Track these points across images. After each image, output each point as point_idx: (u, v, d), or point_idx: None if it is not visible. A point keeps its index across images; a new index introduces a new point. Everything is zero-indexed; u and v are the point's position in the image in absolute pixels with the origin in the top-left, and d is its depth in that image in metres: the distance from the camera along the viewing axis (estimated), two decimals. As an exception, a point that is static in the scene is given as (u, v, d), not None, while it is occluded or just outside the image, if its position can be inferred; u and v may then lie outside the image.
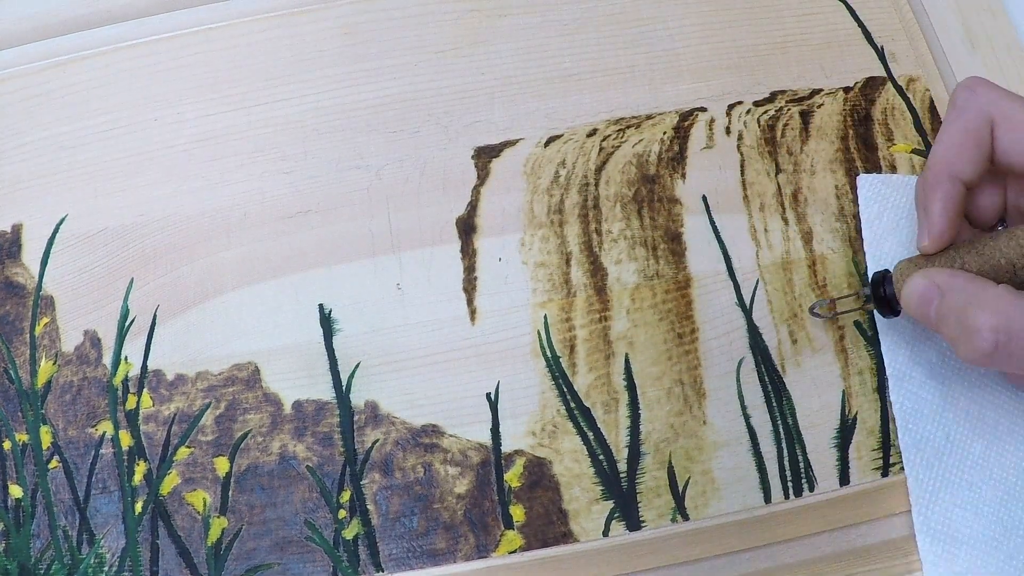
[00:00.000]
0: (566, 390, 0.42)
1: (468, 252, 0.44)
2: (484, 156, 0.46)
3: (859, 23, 0.49)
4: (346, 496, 0.40)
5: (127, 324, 0.43)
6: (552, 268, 0.44)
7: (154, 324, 0.43)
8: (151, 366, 0.42)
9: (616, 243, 0.44)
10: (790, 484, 0.40)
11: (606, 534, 0.40)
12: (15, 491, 0.41)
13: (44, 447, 0.41)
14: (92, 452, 0.41)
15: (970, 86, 0.37)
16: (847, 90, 0.47)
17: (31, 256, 0.44)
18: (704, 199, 0.45)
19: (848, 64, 0.48)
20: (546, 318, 0.43)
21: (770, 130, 0.46)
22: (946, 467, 0.39)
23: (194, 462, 0.41)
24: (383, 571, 0.39)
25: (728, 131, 0.46)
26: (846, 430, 0.41)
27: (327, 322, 0.43)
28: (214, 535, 0.40)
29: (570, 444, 0.41)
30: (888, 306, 0.39)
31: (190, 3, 0.49)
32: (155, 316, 0.43)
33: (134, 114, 0.47)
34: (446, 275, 0.44)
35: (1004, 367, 0.35)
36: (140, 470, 0.41)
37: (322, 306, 0.43)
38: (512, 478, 0.41)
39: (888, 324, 0.41)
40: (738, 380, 0.42)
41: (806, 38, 0.48)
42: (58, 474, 0.41)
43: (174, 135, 0.46)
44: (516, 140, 0.46)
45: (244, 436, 0.41)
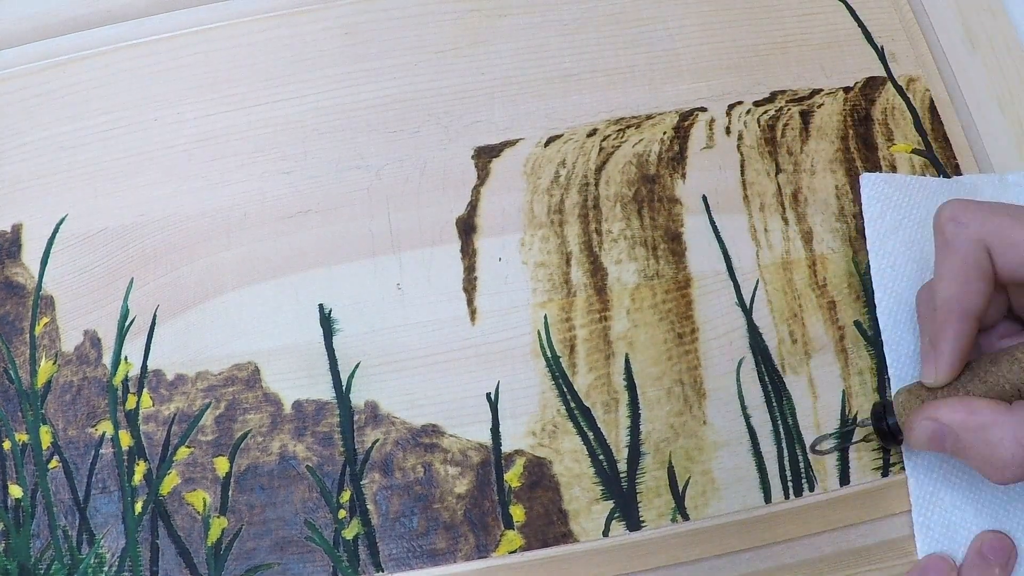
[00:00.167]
0: (566, 390, 0.42)
1: (468, 252, 0.44)
2: (484, 156, 0.46)
3: (859, 23, 0.48)
4: (346, 496, 0.40)
5: (127, 324, 0.43)
6: (552, 268, 0.44)
7: (154, 324, 0.43)
8: (151, 366, 0.42)
9: (616, 243, 0.44)
10: (790, 484, 0.40)
11: (606, 534, 0.40)
12: (15, 491, 0.41)
13: (44, 447, 0.41)
14: (92, 452, 0.41)
15: (954, 217, 0.36)
16: (847, 90, 0.47)
17: (31, 256, 0.44)
18: (704, 199, 0.45)
19: (848, 64, 0.48)
20: (546, 318, 0.43)
21: (770, 130, 0.46)
22: (946, 467, 0.39)
23: (194, 462, 0.41)
24: (383, 571, 0.39)
25: (728, 131, 0.46)
26: (846, 430, 0.41)
27: (327, 322, 0.43)
28: (214, 535, 0.40)
29: (570, 444, 0.41)
30: (891, 437, 0.39)
31: (190, 3, 0.49)
32: (155, 316, 0.43)
33: (134, 114, 0.47)
34: (446, 275, 0.44)
35: None
36: (140, 470, 0.41)
37: (322, 306, 0.43)
38: (512, 478, 0.40)
39: (891, 329, 0.41)
40: (738, 380, 0.42)
41: (806, 38, 0.48)
42: (58, 474, 0.41)
43: (174, 135, 0.46)
44: (516, 140, 0.46)
45: (244, 436, 0.41)
